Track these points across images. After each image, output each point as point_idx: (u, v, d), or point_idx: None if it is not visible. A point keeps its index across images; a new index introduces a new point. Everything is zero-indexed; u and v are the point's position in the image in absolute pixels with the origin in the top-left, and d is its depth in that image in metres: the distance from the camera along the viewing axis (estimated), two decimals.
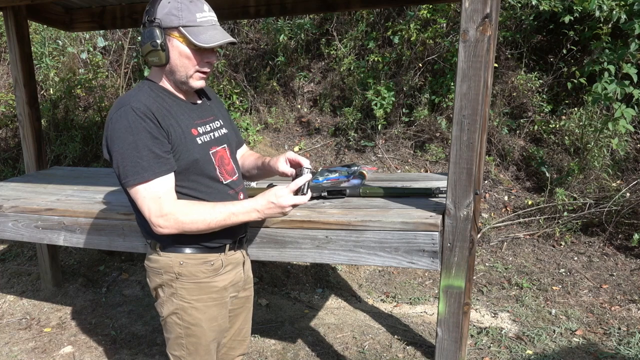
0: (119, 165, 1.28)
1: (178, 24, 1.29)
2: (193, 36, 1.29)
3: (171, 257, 1.42)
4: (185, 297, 1.43)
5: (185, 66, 1.34)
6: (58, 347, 2.65)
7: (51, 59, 5.15)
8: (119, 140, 1.27)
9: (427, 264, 1.74)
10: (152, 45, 1.30)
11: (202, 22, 1.30)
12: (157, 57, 1.31)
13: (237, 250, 1.54)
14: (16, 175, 4.68)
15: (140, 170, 1.27)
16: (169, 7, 1.29)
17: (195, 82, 1.37)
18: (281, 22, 4.81)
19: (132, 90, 1.36)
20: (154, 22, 1.29)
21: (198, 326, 1.46)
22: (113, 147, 1.28)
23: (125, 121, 1.26)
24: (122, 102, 1.30)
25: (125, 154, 1.27)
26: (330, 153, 4.47)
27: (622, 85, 3.29)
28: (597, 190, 3.56)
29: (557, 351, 2.42)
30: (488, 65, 1.62)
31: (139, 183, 1.28)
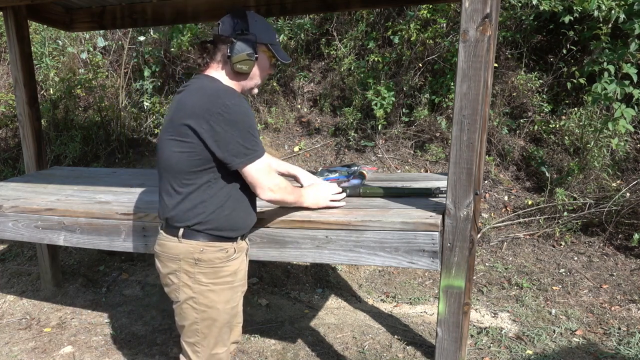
0: (235, 145, 1.45)
1: (268, 41, 1.56)
2: (277, 53, 1.57)
3: (192, 244, 1.55)
4: (203, 281, 1.57)
5: (260, 76, 1.61)
6: (58, 347, 2.65)
7: (51, 59, 5.15)
8: (240, 123, 1.45)
9: (427, 264, 1.74)
10: (247, 55, 1.52)
11: (277, 43, 1.59)
12: (247, 66, 1.54)
13: (244, 239, 1.71)
14: (16, 175, 4.68)
15: (258, 148, 1.50)
16: (259, 25, 1.54)
17: (254, 90, 1.66)
18: (281, 22, 4.81)
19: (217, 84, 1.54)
20: (249, 35, 1.52)
21: (214, 308, 1.59)
22: (230, 130, 1.43)
23: (243, 108, 1.46)
24: (231, 93, 1.48)
25: (245, 136, 1.46)
26: (330, 153, 4.47)
27: (622, 85, 3.29)
28: (597, 190, 3.56)
29: (557, 351, 2.42)
30: (488, 65, 1.62)
31: (257, 159, 1.50)
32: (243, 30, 1.52)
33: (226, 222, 1.57)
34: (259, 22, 1.55)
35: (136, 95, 5.04)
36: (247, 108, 1.48)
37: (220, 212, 1.56)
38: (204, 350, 1.64)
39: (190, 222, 1.54)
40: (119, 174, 2.99)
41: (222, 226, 1.57)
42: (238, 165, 1.49)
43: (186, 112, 1.46)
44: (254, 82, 1.61)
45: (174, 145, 1.50)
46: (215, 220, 1.55)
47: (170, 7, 3.03)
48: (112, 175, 2.94)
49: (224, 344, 1.68)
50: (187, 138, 1.47)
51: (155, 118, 4.93)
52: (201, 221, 1.54)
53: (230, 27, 1.55)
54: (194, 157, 1.48)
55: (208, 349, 1.64)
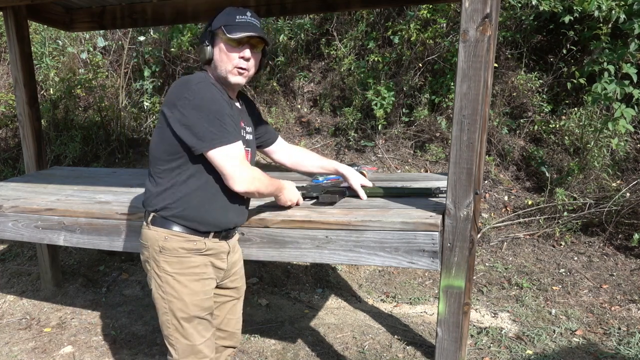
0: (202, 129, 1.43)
1: (220, 24, 1.50)
2: (228, 32, 1.48)
3: (158, 231, 1.54)
4: (168, 269, 1.55)
5: (224, 61, 1.52)
6: (58, 347, 2.65)
7: (51, 59, 5.15)
8: (205, 107, 1.42)
9: (427, 264, 1.74)
10: (201, 43, 1.54)
11: (239, 23, 1.50)
12: (203, 53, 1.53)
13: (222, 240, 1.64)
14: (16, 175, 4.68)
15: (227, 134, 1.45)
16: (220, 15, 1.53)
17: (232, 77, 1.54)
18: (281, 22, 4.81)
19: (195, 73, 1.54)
20: (208, 29, 1.54)
21: (180, 299, 1.55)
22: (195, 114, 1.42)
23: (209, 93, 1.44)
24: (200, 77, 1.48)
25: (212, 121, 1.43)
26: (330, 153, 4.47)
27: (621, 85, 3.29)
28: (597, 190, 3.56)
29: (557, 351, 2.42)
30: (488, 65, 1.62)
31: (226, 144, 1.45)
32: (207, 27, 1.55)
33: (194, 212, 1.54)
34: (224, 12, 1.54)
35: (136, 95, 5.04)
36: (215, 95, 1.46)
37: (188, 200, 1.53)
38: (178, 342, 1.59)
39: (158, 206, 1.55)
40: (119, 174, 2.99)
41: (189, 216, 1.54)
42: (203, 149, 1.46)
43: (165, 100, 1.51)
44: (220, 69, 1.54)
45: (156, 133, 1.55)
46: (181, 207, 1.53)
47: (170, 7, 3.04)
48: (112, 175, 2.94)
49: (201, 335, 1.61)
50: (162, 125, 1.50)
51: (155, 118, 4.92)
52: (166, 206, 1.54)
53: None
54: (165, 143, 1.50)
55: (183, 340, 1.59)
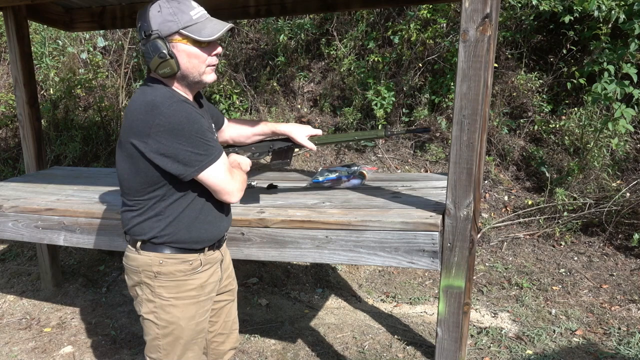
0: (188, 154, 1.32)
1: (177, 28, 1.31)
2: (196, 34, 1.32)
3: (151, 256, 1.44)
4: (164, 295, 1.46)
5: (196, 66, 1.37)
6: (58, 347, 2.65)
7: (51, 59, 5.15)
8: (184, 130, 1.30)
9: (427, 264, 1.74)
10: (160, 57, 1.32)
11: (198, 19, 1.34)
12: (168, 67, 1.33)
13: (215, 250, 1.56)
14: (16, 175, 4.68)
15: (213, 150, 1.36)
16: (161, 15, 1.31)
17: (207, 76, 1.42)
18: (281, 22, 4.81)
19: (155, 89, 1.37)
20: (153, 34, 1.31)
21: (176, 324, 1.47)
22: (175, 139, 1.29)
23: (184, 112, 1.31)
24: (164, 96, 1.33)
25: (194, 141, 1.32)
26: (330, 153, 4.47)
27: (621, 85, 3.29)
28: (597, 190, 3.56)
29: (557, 351, 2.42)
30: (488, 65, 1.62)
31: (214, 161, 1.36)
32: (145, 32, 1.33)
33: (187, 234, 1.45)
34: (163, 11, 1.31)
35: None
36: (188, 112, 1.32)
37: (178, 224, 1.43)
38: None
39: (146, 237, 1.44)
40: None
41: (182, 239, 1.45)
42: (193, 174, 1.35)
43: (130, 129, 1.34)
44: (194, 74, 1.39)
45: (125, 163, 1.40)
46: (173, 233, 1.43)
47: None
48: (112, 175, 2.94)
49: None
50: (134, 158, 1.36)
51: None
52: (157, 235, 1.43)
53: (138, 32, 1.36)
54: (141, 175, 1.37)
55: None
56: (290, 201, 2.12)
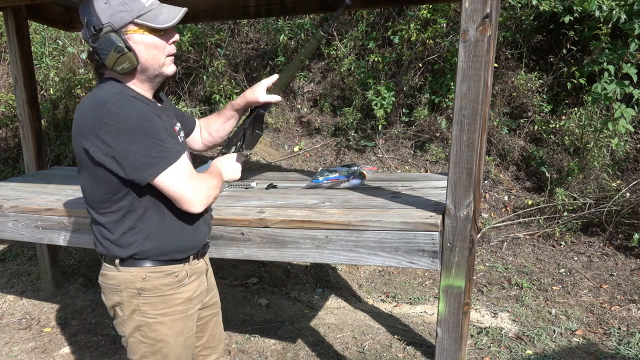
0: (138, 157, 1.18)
1: (131, 17, 1.20)
2: (151, 21, 1.22)
3: (132, 271, 1.32)
4: (149, 312, 1.35)
5: (156, 56, 1.26)
6: (58, 347, 2.65)
7: (51, 59, 5.15)
8: (134, 130, 1.17)
9: (427, 264, 1.74)
10: (117, 52, 1.19)
11: (150, 6, 1.23)
12: (127, 62, 1.22)
13: (200, 258, 1.47)
14: (16, 175, 4.68)
15: (168, 152, 1.21)
16: (110, 7, 1.19)
17: (168, 68, 1.31)
18: (281, 22, 4.81)
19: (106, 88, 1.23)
20: (104, 28, 1.19)
21: (164, 342, 1.37)
22: (124, 140, 1.17)
23: (133, 110, 1.17)
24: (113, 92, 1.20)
25: (144, 142, 1.18)
26: (330, 153, 4.47)
27: (622, 85, 3.29)
28: (597, 190, 3.56)
29: (557, 351, 2.42)
30: (488, 65, 1.62)
31: (170, 164, 1.22)
32: (95, 27, 1.20)
33: (168, 244, 1.33)
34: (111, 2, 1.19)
35: None
36: (138, 109, 1.19)
37: (157, 235, 1.32)
38: None
39: (124, 255, 1.31)
40: None
41: (164, 250, 1.33)
42: (146, 179, 1.21)
43: (79, 132, 1.22)
44: (154, 66, 1.27)
45: (84, 172, 1.29)
46: (153, 246, 1.31)
47: None
48: None
49: None
50: (87, 164, 1.24)
51: None
52: (136, 252, 1.31)
53: (85, 29, 1.23)
54: (101, 183, 1.25)
55: None
56: (290, 201, 2.12)
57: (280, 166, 4.42)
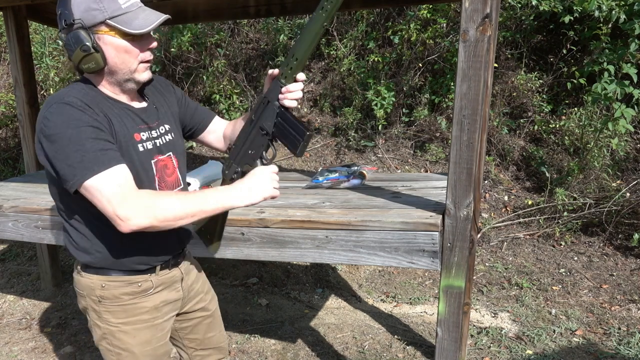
0: (63, 164, 1.11)
1: (103, 17, 1.12)
2: (125, 25, 1.13)
3: (93, 278, 1.28)
4: (111, 320, 1.29)
5: (126, 61, 1.18)
6: (58, 347, 2.65)
7: (51, 59, 5.15)
8: (58, 137, 1.10)
9: (427, 264, 1.74)
10: (82, 50, 1.12)
11: (128, 8, 1.14)
12: (93, 62, 1.15)
13: (172, 268, 1.38)
14: (16, 175, 4.68)
15: (89, 164, 1.09)
16: (85, 2, 1.12)
17: (140, 74, 1.22)
18: (281, 22, 4.81)
19: (63, 90, 1.19)
20: (75, 24, 1.12)
21: (129, 352, 1.31)
22: (52, 148, 1.12)
23: (61, 116, 1.11)
24: (53, 100, 1.14)
25: (68, 151, 1.10)
26: (330, 153, 4.47)
27: (622, 85, 3.29)
28: (597, 190, 3.56)
29: (557, 351, 2.42)
30: (488, 65, 1.62)
31: (92, 176, 1.09)
32: (66, 21, 1.14)
33: (125, 255, 1.25)
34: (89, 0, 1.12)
35: None
36: (69, 117, 1.10)
37: (112, 245, 1.24)
38: None
39: (82, 261, 1.28)
40: None
41: (122, 261, 1.26)
42: (72, 188, 1.12)
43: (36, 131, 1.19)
44: (123, 71, 1.19)
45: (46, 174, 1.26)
46: (109, 257, 1.25)
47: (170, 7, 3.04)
48: None
49: None
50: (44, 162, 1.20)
51: None
52: (91, 261, 1.26)
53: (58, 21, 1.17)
54: (53, 184, 1.25)
55: None
56: (290, 201, 2.12)
57: (280, 166, 4.42)
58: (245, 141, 1.28)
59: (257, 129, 1.26)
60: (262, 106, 1.26)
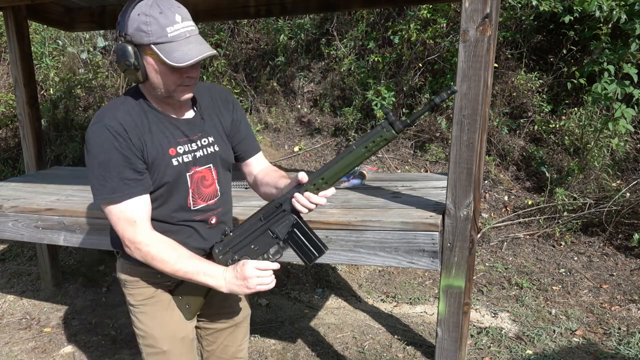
0: (92, 180, 1.24)
1: (148, 41, 1.15)
2: (165, 54, 1.15)
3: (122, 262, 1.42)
4: (132, 302, 1.42)
5: (165, 83, 1.22)
6: (58, 347, 2.65)
7: (51, 59, 5.15)
8: (92, 156, 1.22)
9: (427, 264, 1.74)
10: (126, 65, 1.19)
11: (174, 37, 1.15)
12: (133, 76, 1.22)
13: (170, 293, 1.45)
14: (16, 175, 4.68)
15: (109, 190, 1.22)
16: (137, 21, 1.15)
17: (179, 94, 1.25)
18: (281, 22, 4.81)
19: (117, 102, 1.28)
20: (126, 38, 1.18)
21: (151, 336, 1.42)
22: (87, 161, 1.24)
23: (98, 138, 1.20)
24: (99, 117, 1.23)
25: (97, 172, 1.22)
26: (331, 153, 4.47)
27: (622, 85, 3.29)
28: (597, 190, 3.56)
29: (557, 351, 2.42)
30: (488, 65, 1.62)
31: (109, 203, 1.23)
32: (120, 32, 1.19)
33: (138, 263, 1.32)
34: (140, 17, 1.15)
35: None
36: (103, 139, 1.20)
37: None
38: None
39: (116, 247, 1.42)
40: None
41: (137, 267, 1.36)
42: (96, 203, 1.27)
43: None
44: (161, 90, 1.24)
45: None
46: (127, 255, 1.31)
47: None
48: None
49: None
50: None
51: None
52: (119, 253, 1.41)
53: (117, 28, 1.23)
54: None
55: None
56: None
57: (280, 166, 4.42)
58: (248, 236, 1.31)
59: (266, 232, 1.29)
60: (275, 211, 1.28)
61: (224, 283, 1.26)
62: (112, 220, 1.26)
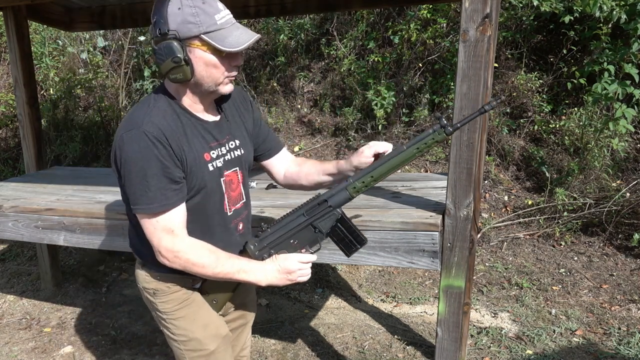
0: (128, 189, 1.20)
1: (198, 31, 1.13)
2: (218, 42, 1.14)
3: (148, 274, 1.36)
4: (167, 308, 1.36)
5: (213, 76, 1.20)
6: (58, 347, 2.65)
7: (51, 59, 5.16)
8: (129, 163, 1.17)
9: (427, 264, 1.74)
10: (174, 62, 1.14)
11: (223, 24, 1.16)
12: (181, 73, 1.17)
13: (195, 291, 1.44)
14: (16, 175, 4.68)
15: (149, 200, 1.18)
16: (182, 14, 1.13)
17: (224, 87, 1.24)
18: (281, 22, 4.81)
19: (146, 104, 1.23)
20: (169, 34, 1.14)
21: (194, 339, 1.36)
22: (123, 169, 1.19)
23: (136, 145, 1.15)
24: (134, 122, 1.18)
25: (134, 181, 1.17)
26: (331, 153, 4.47)
27: (622, 85, 3.29)
28: (597, 190, 3.56)
29: (557, 351, 2.42)
30: (488, 65, 1.62)
31: (148, 214, 1.20)
32: (160, 30, 1.15)
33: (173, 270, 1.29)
34: (184, 10, 1.13)
35: (136, 95, 5.05)
36: (144, 145, 1.15)
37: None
38: None
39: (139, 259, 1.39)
40: None
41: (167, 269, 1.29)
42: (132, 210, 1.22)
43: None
44: (209, 84, 1.21)
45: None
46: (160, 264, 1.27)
47: None
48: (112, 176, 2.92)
49: None
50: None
51: None
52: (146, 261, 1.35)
53: (152, 28, 1.19)
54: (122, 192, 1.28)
55: None
56: (290, 201, 2.12)
57: None
58: (287, 232, 1.34)
59: (308, 227, 1.33)
60: (319, 208, 1.32)
61: (263, 277, 1.28)
62: (147, 230, 1.22)
